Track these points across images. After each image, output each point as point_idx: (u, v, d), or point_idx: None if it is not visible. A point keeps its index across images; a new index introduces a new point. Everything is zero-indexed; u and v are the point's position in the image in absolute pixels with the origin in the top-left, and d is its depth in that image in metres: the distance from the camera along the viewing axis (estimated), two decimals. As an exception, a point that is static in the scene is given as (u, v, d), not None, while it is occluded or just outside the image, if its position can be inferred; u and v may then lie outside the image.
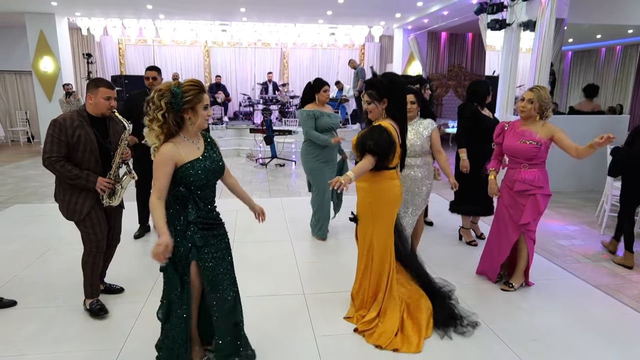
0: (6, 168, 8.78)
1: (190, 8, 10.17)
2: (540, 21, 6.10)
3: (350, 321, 3.00)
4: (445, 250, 4.34)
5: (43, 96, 10.87)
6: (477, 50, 13.36)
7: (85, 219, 2.95)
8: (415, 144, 3.58)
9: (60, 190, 2.95)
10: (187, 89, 2.07)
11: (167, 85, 2.06)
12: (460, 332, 2.87)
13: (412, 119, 3.63)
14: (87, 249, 3.03)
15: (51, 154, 2.79)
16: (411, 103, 3.56)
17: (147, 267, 3.87)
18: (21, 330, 2.88)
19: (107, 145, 2.97)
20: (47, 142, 2.82)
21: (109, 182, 2.95)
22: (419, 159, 3.64)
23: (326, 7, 9.99)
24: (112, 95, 2.94)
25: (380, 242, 2.90)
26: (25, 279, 3.63)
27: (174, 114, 2.06)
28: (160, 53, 13.46)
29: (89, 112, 2.92)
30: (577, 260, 4.17)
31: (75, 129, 2.82)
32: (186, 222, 2.17)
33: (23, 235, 4.68)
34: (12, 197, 6.42)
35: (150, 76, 4.29)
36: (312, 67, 14.17)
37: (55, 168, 2.80)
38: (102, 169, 2.95)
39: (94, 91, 2.88)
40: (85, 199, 2.93)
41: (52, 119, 2.84)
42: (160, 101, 2.03)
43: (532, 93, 3.19)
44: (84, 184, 2.87)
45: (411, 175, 3.65)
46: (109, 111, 2.95)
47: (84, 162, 2.87)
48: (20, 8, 9.82)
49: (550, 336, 2.88)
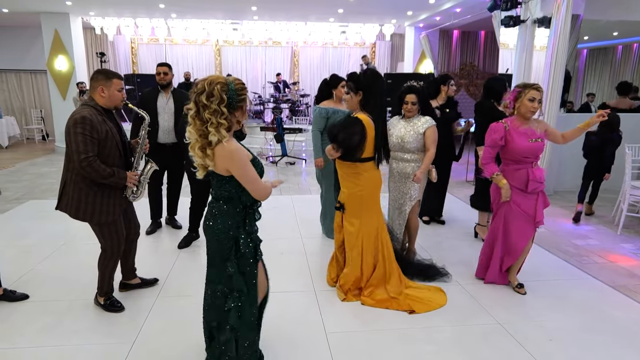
0: (22, 165, 8.91)
1: (202, 7, 10.21)
2: (556, 17, 6.00)
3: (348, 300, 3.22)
4: (460, 249, 4.29)
5: (57, 95, 11.00)
6: (489, 48, 13.22)
7: (116, 220, 2.89)
8: (408, 140, 3.60)
9: (89, 195, 2.76)
10: (240, 87, 1.98)
11: (224, 78, 1.95)
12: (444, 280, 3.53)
13: (410, 117, 3.66)
14: (109, 253, 2.95)
15: (87, 153, 2.62)
16: (412, 104, 3.58)
17: (159, 262, 3.89)
18: (35, 323, 2.91)
19: (124, 138, 2.95)
20: (79, 142, 2.62)
21: (137, 176, 2.94)
22: (412, 154, 3.65)
23: (337, 6, 9.95)
24: (123, 87, 2.89)
25: (368, 226, 3.20)
26: (40, 273, 3.67)
27: (229, 110, 1.95)
28: (172, 52, 13.54)
29: (102, 106, 2.81)
30: (594, 261, 4.09)
31: (101, 125, 2.71)
32: (253, 221, 2.16)
33: (37, 231, 4.74)
34: (27, 193, 6.50)
35: (161, 71, 4.32)
36: (323, 66, 14.15)
37: (94, 168, 2.64)
38: (124, 163, 2.91)
39: (107, 83, 2.77)
40: (115, 199, 2.86)
41: (77, 117, 2.65)
42: (221, 93, 1.90)
43: (539, 92, 3.13)
44: (117, 182, 2.78)
45: (400, 168, 3.69)
46: (122, 103, 2.90)
47: (110, 158, 2.77)
48: (36, 8, 9.94)
49: (566, 337, 2.83)
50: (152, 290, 3.37)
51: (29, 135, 12.97)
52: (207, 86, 1.91)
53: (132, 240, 3.21)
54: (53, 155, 10.30)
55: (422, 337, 2.81)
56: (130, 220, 3.15)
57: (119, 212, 2.91)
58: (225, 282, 2.13)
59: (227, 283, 2.13)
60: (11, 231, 4.72)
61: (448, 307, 3.17)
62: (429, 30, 11.85)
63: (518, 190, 3.27)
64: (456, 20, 10.27)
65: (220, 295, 2.15)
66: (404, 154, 3.67)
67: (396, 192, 3.77)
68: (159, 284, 3.47)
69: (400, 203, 3.74)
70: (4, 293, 3.18)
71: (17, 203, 5.89)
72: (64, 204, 2.82)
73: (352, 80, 3.12)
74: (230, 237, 2.08)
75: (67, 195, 2.79)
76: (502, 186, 3.24)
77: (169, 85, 4.38)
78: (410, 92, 3.60)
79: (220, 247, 2.10)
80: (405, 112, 3.65)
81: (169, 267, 3.80)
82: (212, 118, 1.91)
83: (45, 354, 2.60)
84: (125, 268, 3.30)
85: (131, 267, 3.33)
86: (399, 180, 3.72)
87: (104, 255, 2.97)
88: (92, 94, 2.80)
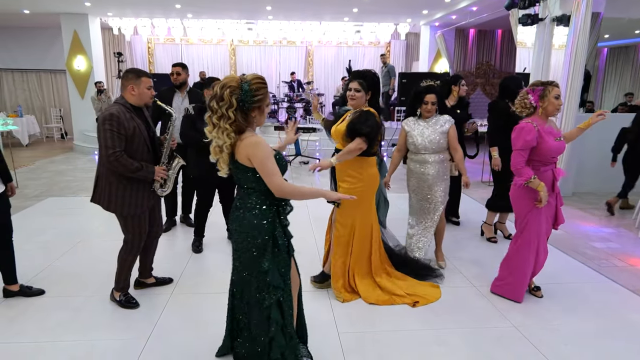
0: (41, 163, 9.08)
1: (218, 7, 10.29)
2: (575, 16, 5.88)
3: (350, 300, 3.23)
4: (475, 250, 4.24)
5: (76, 94, 11.21)
6: (506, 46, 13.04)
7: (142, 214, 2.97)
8: (432, 140, 3.53)
9: (119, 188, 2.86)
10: (258, 86, 1.95)
11: (237, 81, 1.93)
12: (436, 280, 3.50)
13: (429, 117, 3.59)
14: (129, 246, 3.03)
15: (114, 149, 2.74)
16: (432, 104, 3.53)
17: (174, 260, 3.92)
18: (53, 318, 2.96)
19: (153, 134, 3.03)
20: (107, 138, 2.74)
21: (165, 171, 3.01)
22: (433, 155, 3.58)
23: (352, 5, 9.93)
24: (152, 85, 2.97)
25: (363, 223, 3.24)
26: (58, 269, 3.74)
27: (241, 112, 1.94)
28: (188, 52, 13.66)
29: (132, 103, 2.91)
30: (613, 264, 4.01)
31: (129, 121, 2.81)
32: (285, 216, 2.14)
33: (56, 227, 4.83)
34: (46, 190, 6.63)
35: (174, 71, 4.37)
36: (337, 65, 14.12)
37: (120, 163, 2.75)
38: (153, 158, 2.99)
39: (137, 82, 2.87)
40: (144, 192, 2.95)
41: (106, 114, 2.77)
42: (231, 97, 1.90)
43: (559, 89, 3.07)
44: (145, 175, 2.88)
45: (421, 172, 3.61)
46: (151, 100, 2.99)
47: (138, 153, 2.87)
48: (56, 9, 10.14)
49: (583, 341, 2.77)
50: (167, 288, 3.41)
51: (48, 133, 13.23)
52: (219, 90, 1.92)
53: (154, 237, 3.28)
54: (71, 153, 10.49)
55: (435, 338, 2.78)
56: (156, 217, 3.22)
57: (146, 206, 2.99)
58: (259, 278, 2.09)
59: (262, 279, 2.09)
60: (30, 228, 4.81)
61: (462, 309, 3.14)
62: (444, 29, 11.73)
63: (551, 196, 3.14)
64: (472, 19, 10.16)
65: (255, 291, 2.11)
66: (429, 156, 3.57)
67: (422, 195, 3.66)
68: (173, 281, 3.50)
69: (429, 207, 3.65)
70: (20, 289, 3.24)
71: (36, 200, 6.00)
72: (97, 197, 2.95)
73: (364, 78, 3.17)
74: (266, 231, 2.04)
75: (100, 188, 2.92)
76: (542, 189, 2.98)
77: (184, 85, 4.42)
78: (430, 92, 3.53)
79: (253, 241, 2.05)
80: (425, 112, 3.57)
81: (182, 265, 3.84)
82: (219, 123, 1.93)
83: (62, 348, 2.65)
84: (143, 266, 3.35)
85: (149, 266, 3.38)
86: (425, 183, 3.61)
87: (125, 247, 3.05)
88: (123, 92, 2.92)
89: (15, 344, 2.68)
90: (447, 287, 3.48)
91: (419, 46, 13.25)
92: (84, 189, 6.69)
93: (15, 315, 3.00)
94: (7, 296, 3.21)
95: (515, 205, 3.18)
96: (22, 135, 11.37)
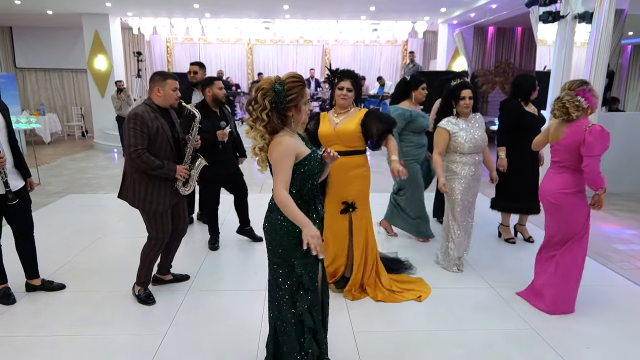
0: (62, 160, 9.28)
1: (236, 6, 10.35)
2: (598, 12, 5.74)
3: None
4: (489, 251, 4.18)
5: (97, 93, 11.42)
6: (526, 44, 12.82)
7: (164, 212, 3.02)
8: (481, 138, 3.50)
9: (142, 185, 2.95)
10: (290, 85, 1.94)
11: (270, 83, 1.94)
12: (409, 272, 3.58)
13: (467, 114, 3.51)
14: (153, 243, 3.10)
15: (137, 146, 2.83)
16: (469, 98, 3.45)
17: (191, 257, 3.96)
18: (72, 313, 3.02)
19: (177, 135, 3.09)
20: (130, 136, 2.84)
21: (187, 170, 3.06)
22: (480, 155, 3.57)
23: (369, 3, 9.88)
24: (177, 86, 3.05)
25: (369, 222, 3.29)
26: (78, 265, 3.81)
27: (277, 112, 1.94)
28: (206, 51, 13.79)
29: (158, 104, 2.99)
30: (636, 266, 3.90)
31: (152, 121, 2.90)
32: (319, 219, 2.08)
33: (76, 224, 4.92)
34: (67, 187, 6.77)
35: (192, 70, 4.44)
36: (354, 64, 14.06)
37: (142, 160, 2.84)
38: (176, 157, 3.05)
39: (163, 84, 2.96)
40: (166, 190, 3.01)
41: (131, 114, 2.89)
42: (264, 100, 1.91)
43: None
44: (166, 173, 2.94)
45: (471, 173, 3.52)
46: (176, 101, 3.06)
47: (161, 152, 2.95)
48: (78, 10, 10.34)
49: (605, 345, 2.71)
50: (183, 284, 3.44)
51: (69, 131, 13.50)
52: (254, 93, 1.95)
53: (178, 235, 3.32)
54: (92, 151, 10.69)
55: (451, 339, 2.75)
56: (180, 216, 3.26)
57: (168, 204, 3.04)
58: (293, 280, 2.05)
59: (295, 282, 2.05)
60: (51, 224, 4.91)
61: (480, 311, 3.10)
62: (463, 27, 11.60)
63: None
64: (492, 17, 10.00)
65: (288, 297, 2.07)
66: (478, 156, 3.54)
67: (470, 196, 3.57)
68: (190, 278, 3.54)
69: (472, 208, 3.62)
70: (42, 283, 3.32)
71: (58, 197, 6.13)
72: (123, 193, 3.04)
73: (354, 78, 3.17)
74: (296, 234, 1.98)
75: (125, 184, 3.02)
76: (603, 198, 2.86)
77: (201, 84, 4.47)
78: (465, 88, 3.45)
79: (288, 242, 2.01)
80: (463, 109, 3.46)
81: (199, 262, 3.87)
82: (255, 125, 1.97)
83: (81, 342, 2.70)
84: (164, 263, 3.39)
85: (169, 264, 3.43)
86: (477, 183, 3.58)
87: (148, 244, 3.11)
88: (150, 93, 3.02)
89: (35, 337, 2.74)
90: (465, 288, 3.44)
91: (436, 44, 13.12)
92: (103, 186, 6.81)
93: (37, 309, 3.07)
94: (30, 290, 3.29)
95: (573, 213, 2.92)
96: (45, 133, 11.62)
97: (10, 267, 3.22)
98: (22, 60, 13.04)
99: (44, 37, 12.78)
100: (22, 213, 3.13)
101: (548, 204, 3.03)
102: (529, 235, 4.45)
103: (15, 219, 3.12)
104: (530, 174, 4.13)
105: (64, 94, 13.55)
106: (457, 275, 3.63)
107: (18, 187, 3.04)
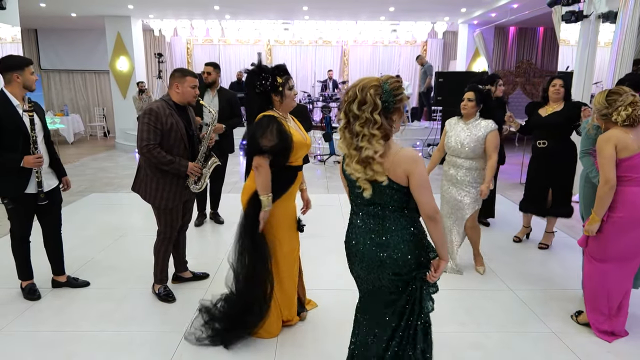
0: (85, 160, 9.49)
1: (255, 8, 10.43)
2: (623, 12, 5.61)
3: None
4: (508, 253, 4.13)
5: (118, 93, 11.65)
6: (548, 44, 12.61)
7: (174, 208, 3.08)
8: (468, 145, 3.41)
9: (153, 180, 3.00)
10: (395, 85, 1.72)
11: (377, 80, 1.72)
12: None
13: (468, 117, 3.49)
14: (162, 237, 3.16)
15: (149, 141, 2.87)
16: (468, 100, 3.43)
17: (209, 256, 4.02)
18: (95, 309, 3.10)
19: (192, 132, 3.13)
20: (143, 131, 2.88)
21: (199, 167, 3.10)
22: (469, 161, 3.47)
23: (389, 4, 9.85)
24: (197, 84, 3.07)
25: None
26: (100, 262, 3.90)
27: (384, 114, 1.72)
28: (225, 52, 13.93)
29: (175, 101, 3.03)
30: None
31: (167, 117, 2.92)
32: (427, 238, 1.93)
33: (98, 222, 5.04)
34: (89, 186, 6.92)
35: (206, 71, 4.53)
36: (373, 65, 14.03)
37: (152, 154, 2.88)
38: (190, 154, 3.09)
39: (181, 80, 2.99)
40: (177, 187, 3.05)
41: (146, 109, 2.92)
42: (375, 98, 1.68)
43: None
44: (177, 169, 2.97)
45: (450, 175, 3.53)
46: (194, 99, 3.09)
47: (174, 148, 2.98)
48: (101, 12, 10.57)
49: (626, 349, 2.65)
50: (203, 283, 3.50)
51: (92, 132, 13.80)
52: (359, 92, 1.70)
53: (182, 230, 3.38)
54: (114, 151, 10.90)
55: (470, 341, 2.73)
56: (187, 212, 3.33)
57: (179, 201, 3.09)
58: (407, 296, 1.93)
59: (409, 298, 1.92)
60: (75, 222, 5.03)
61: (499, 313, 3.07)
62: (483, 27, 11.46)
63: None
64: (513, 17, 9.86)
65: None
66: (460, 160, 3.49)
67: (452, 199, 3.57)
68: (209, 277, 3.59)
69: (458, 214, 3.58)
70: (68, 280, 3.41)
71: (81, 196, 6.28)
72: (136, 186, 3.11)
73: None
74: (415, 256, 1.84)
75: (139, 178, 3.08)
76: None
77: (214, 84, 4.58)
78: (469, 90, 3.46)
79: (406, 262, 1.85)
80: (462, 110, 3.48)
81: (218, 260, 3.92)
82: (363, 130, 1.71)
83: (104, 338, 2.77)
84: (177, 258, 3.45)
85: (182, 259, 3.48)
86: (454, 187, 3.55)
87: (158, 239, 3.18)
88: (169, 89, 3.06)
89: (60, 332, 2.82)
90: (484, 290, 3.41)
91: (456, 45, 12.99)
92: (124, 186, 6.94)
93: (62, 305, 3.16)
94: (55, 286, 3.38)
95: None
96: (68, 133, 11.91)
97: (36, 264, 3.32)
98: (47, 62, 13.37)
99: (68, 39, 13.08)
100: (53, 211, 3.22)
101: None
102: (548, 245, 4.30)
103: (46, 217, 3.22)
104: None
105: (86, 95, 13.86)
106: (477, 277, 3.61)
107: (52, 187, 3.14)
